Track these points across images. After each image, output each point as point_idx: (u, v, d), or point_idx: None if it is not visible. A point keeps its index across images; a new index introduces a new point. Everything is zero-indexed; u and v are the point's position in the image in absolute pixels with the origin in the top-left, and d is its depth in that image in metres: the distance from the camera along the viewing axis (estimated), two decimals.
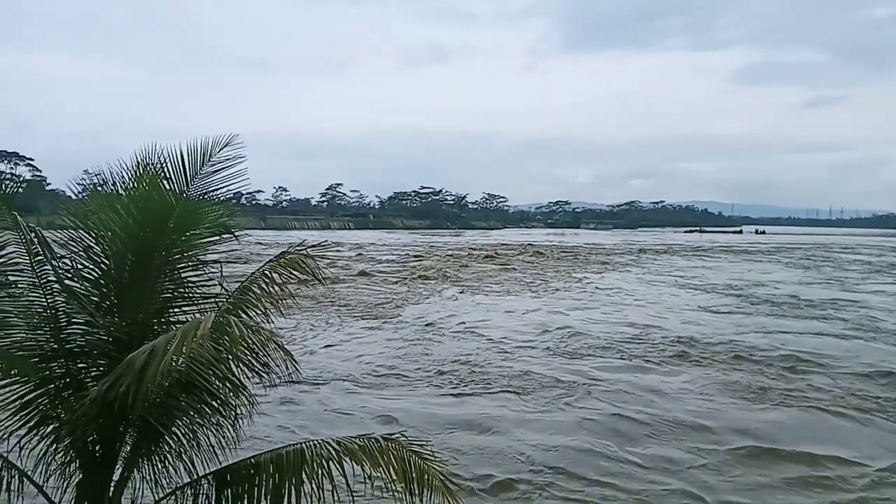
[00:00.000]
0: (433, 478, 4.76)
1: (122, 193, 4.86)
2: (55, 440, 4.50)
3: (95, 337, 4.66)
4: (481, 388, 14.92)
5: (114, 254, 4.77)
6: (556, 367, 17.03)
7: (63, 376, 4.56)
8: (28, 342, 4.56)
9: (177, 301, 5.08)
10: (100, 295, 4.75)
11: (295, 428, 11.74)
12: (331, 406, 13.44)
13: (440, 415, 12.88)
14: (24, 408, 4.46)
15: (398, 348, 19.19)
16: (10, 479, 4.43)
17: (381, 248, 68.66)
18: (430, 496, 4.72)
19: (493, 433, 11.86)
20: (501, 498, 9.40)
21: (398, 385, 15.21)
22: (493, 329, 22.49)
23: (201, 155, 5.01)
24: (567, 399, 14.05)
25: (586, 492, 9.56)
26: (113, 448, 4.57)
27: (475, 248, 71.61)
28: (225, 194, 5.25)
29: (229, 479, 4.78)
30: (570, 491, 9.58)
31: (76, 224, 4.79)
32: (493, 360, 17.64)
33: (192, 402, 4.66)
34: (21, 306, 4.60)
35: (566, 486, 9.71)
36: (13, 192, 4.73)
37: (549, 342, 20.26)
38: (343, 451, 4.75)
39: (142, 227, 4.71)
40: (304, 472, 4.67)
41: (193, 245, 5.07)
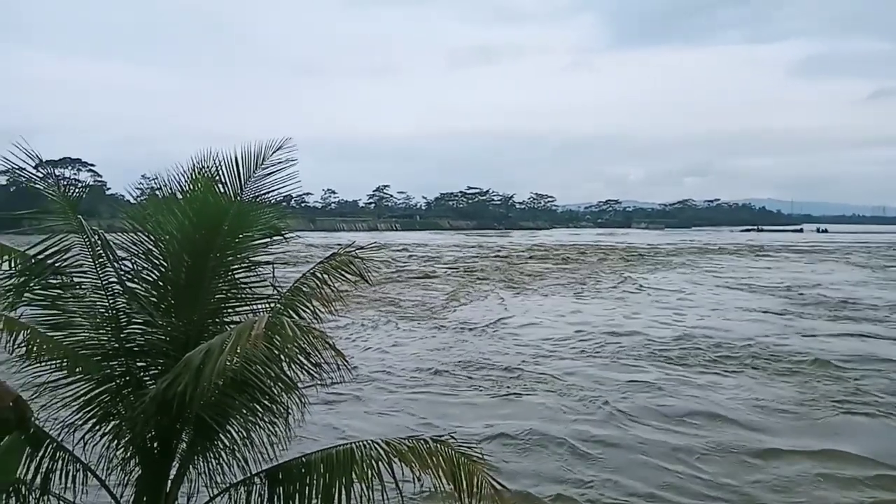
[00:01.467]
0: (483, 481, 4.72)
1: (178, 197, 5.00)
2: (116, 436, 4.66)
3: (154, 337, 4.80)
4: (522, 391, 14.80)
5: (171, 255, 4.90)
6: (598, 371, 16.71)
7: (123, 375, 4.71)
8: (91, 341, 4.74)
9: (230, 302, 5.19)
10: (158, 296, 4.90)
11: (341, 428, 11.87)
12: (375, 406, 13.55)
13: (483, 418, 12.84)
14: (86, 405, 4.63)
15: (443, 349, 19.21)
16: (76, 472, 4.60)
17: (428, 248, 68.88)
18: (480, 500, 4.68)
19: (538, 440, 11.73)
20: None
21: (442, 386, 15.22)
22: (538, 330, 22.30)
23: (254, 158, 5.09)
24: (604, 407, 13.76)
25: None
26: (170, 445, 4.70)
27: (522, 248, 71.20)
28: (276, 197, 5.34)
29: (281, 477, 4.85)
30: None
31: (135, 227, 4.94)
32: (537, 363, 17.49)
33: (246, 401, 4.74)
34: (84, 307, 4.78)
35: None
36: (78, 197, 4.91)
37: (590, 344, 19.93)
38: (392, 452, 4.76)
39: (197, 230, 4.83)
40: (353, 473, 4.70)
41: (246, 247, 5.17)
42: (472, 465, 4.79)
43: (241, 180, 5.09)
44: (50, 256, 4.66)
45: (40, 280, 4.60)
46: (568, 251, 65.87)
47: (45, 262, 4.64)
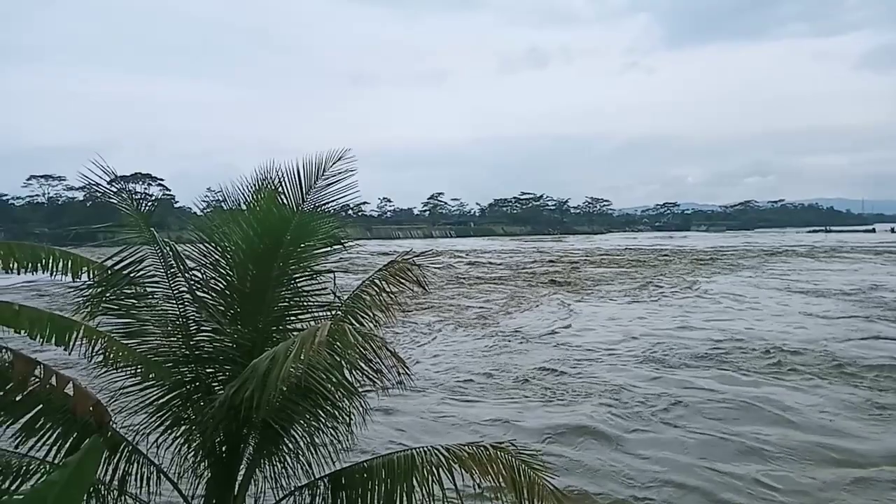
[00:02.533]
0: (543, 488, 4.68)
1: (243, 208, 5.17)
2: (187, 440, 4.84)
3: (221, 344, 4.97)
4: (581, 399, 14.55)
5: (237, 265, 5.07)
6: (655, 381, 16.25)
7: (193, 381, 4.89)
8: (162, 348, 4.94)
9: (293, 310, 5.33)
10: (225, 304, 5.07)
11: (398, 434, 11.95)
12: (431, 413, 13.58)
13: (533, 425, 12.69)
14: (159, 410, 4.83)
15: (497, 356, 19.12)
16: (150, 475, 4.79)
17: (483, 254, 68.79)
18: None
19: (594, 448, 11.51)
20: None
21: (498, 394, 15.13)
22: (595, 336, 21.92)
23: (315, 169, 5.22)
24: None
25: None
26: (238, 449, 4.84)
27: (579, 252, 70.21)
28: (336, 206, 5.44)
29: (344, 482, 4.93)
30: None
31: (203, 238, 5.13)
32: (593, 371, 17.19)
33: (309, 407, 4.84)
34: (156, 315, 4.99)
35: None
36: (150, 211, 5.13)
37: (648, 350, 19.43)
38: (452, 458, 4.77)
39: (261, 240, 4.98)
40: (414, 479, 4.73)
41: (308, 256, 5.29)
42: (533, 472, 4.75)
43: (302, 191, 5.22)
44: (125, 268, 4.89)
45: (116, 290, 4.83)
46: (625, 255, 64.58)
47: (121, 272, 4.88)
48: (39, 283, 25.55)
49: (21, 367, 3.87)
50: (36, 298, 26.47)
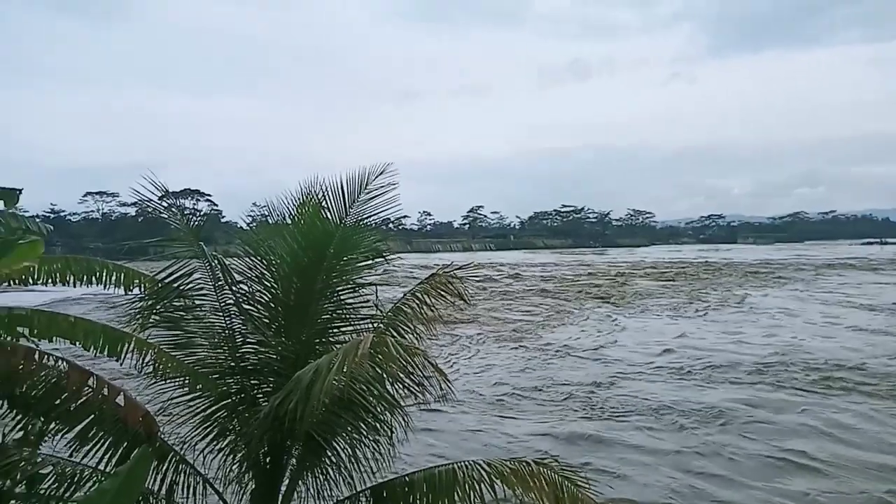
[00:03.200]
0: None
1: (288, 222, 5.25)
2: (232, 451, 4.90)
3: (266, 356, 5.04)
4: (622, 414, 14.25)
5: (281, 278, 5.14)
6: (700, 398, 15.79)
7: (238, 392, 4.96)
8: (209, 360, 5.04)
9: (336, 322, 5.37)
10: (270, 317, 5.14)
11: (437, 448, 11.87)
12: (470, 427, 13.47)
13: (573, 440, 12.47)
14: (205, 420, 4.92)
15: (541, 370, 18.90)
16: (196, 484, 4.87)
17: (524, 267, 68.32)
18: None
19: (635, 463, 11.24)
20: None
21: (539, 408, 14.94)
22: (638, 351, 21.47)
23: (358, 184, 5.27)
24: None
25: None
26: (281, 460, 4.89)
27: (621, 265, 69.09)
28: (378, 220, 5.48)
29: (385, 495, 4.91)
30: None
31: (249, 252, 5.23)
32: (636, 386, 16.82)
33: (351, 419, 4.85)
34: (203, 327, 5.10)
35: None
36: (199, 225, 5.26)
37: (692, 365, 18.90)
38: (494, 474, 4.71)
39: (306, 253, 5.05)
40: (456, 494, 4.69)
41: (351, 269, 5.34)
42: (577, 489, 4.65)
43: (345, 205, 5.28)
44: (174, 281, 5.02)
45: (166, 303, 4.96)
46: (671, 268, 63.17)
47: (170, 286, 5.01)
48: (99, 295, 26.39)
49: (75, 378, 4.00)
50: (98, 311, 27.42)
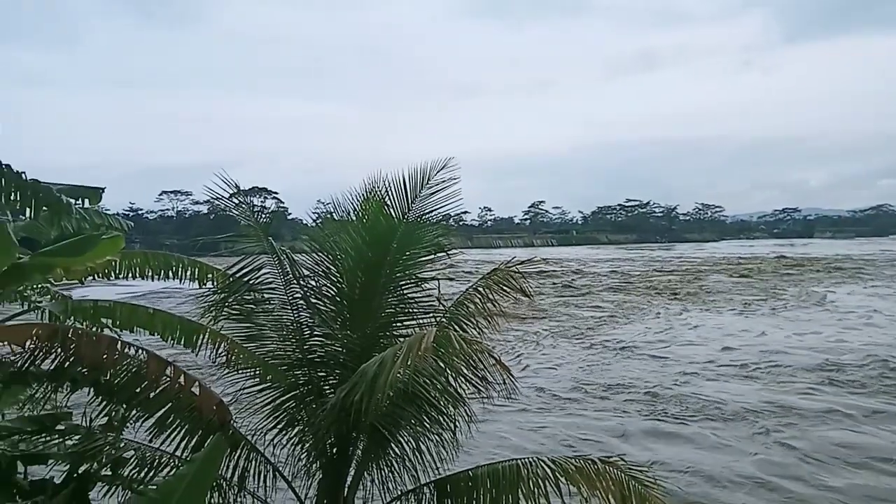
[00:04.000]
0: None
1: (352, 218, 5.35)
2: (300, 441, 5.04)
3: (332, 348, 5.16)
4: (689, 415, 13.81)
5: (346, 272, 5.24)
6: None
7: (306, 384, 5.10)
8: (278, 352, 5.20)
9: (399, 316, 5.43)
10: (335, 310, 5.25)
11: (497, 443, 11.79)
12: (530, 423, 13.36)
13: (637, 438, 12.18)
14: (274, 411, 5.07)
15: (606, 368, 18.56)
16: (266, 472, 5.03)
17: (588, 263, 67.20)
18: None
19: (702, 462, 10.87)
20: None
21: (601, 406, 14.68)
22: (709, 349, 20.76)
23: (420, 179, 5.31)
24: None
25: None
26: (347, 451, 4.99)
27: (690, 260, 66.99)
28: (440, 215, 5.51)
29: (449, 489, 4.94)
30: None
31: (315, 247, 5.36)
32: (703, 386, 16.28)
33: (415, 412, 4.90)
34: (273, 320, 5.26)
35: None
36: (268, 222, 5.43)
37: (766, 365, 18.11)
38: (559, 471, 4.66)
39: (370, 248, 5.13)
40: (520, 490, 4.66)
41: (413, 264, 5.39)
42: (644, 489, 4.54)
43: (408, 200, 5.33)
44: (245, 275, 5.20)
45: (237, 296, 5.14)
46: (742, 264, 60.76)
47: (241, 280, 5.19)
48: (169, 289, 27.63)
49: (154, 367, 4.20)
50: (172, 302, 28.68)
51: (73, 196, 4.33)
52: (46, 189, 3.91)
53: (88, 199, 4.58)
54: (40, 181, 3.93)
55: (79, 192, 4.58)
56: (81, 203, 4.47)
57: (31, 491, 4.10)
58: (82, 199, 4.55)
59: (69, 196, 4.15)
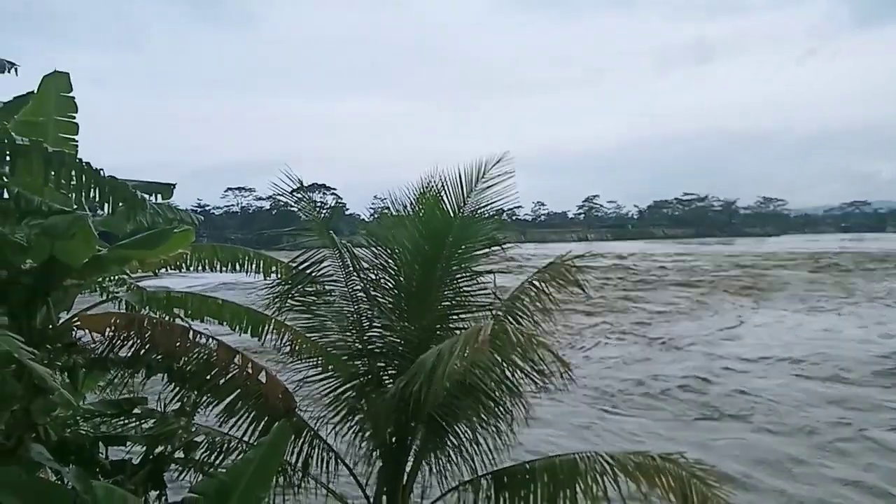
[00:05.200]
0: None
1: (409, 212, 5.44)
2: (360, 429, 5.16)
3: (390, 340, 5.26)
4: (746, 416, 13.39)
5: (404, 266, 5.34)
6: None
7: (366, 374, 5.22)
8: (339, 343, 5.33)
9: (455, 309, 5.49)
10: (393, 303, 5.35)
11: (548, 438, 11.68)
12: (583, 419, 13.24)
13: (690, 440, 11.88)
14: (335, 400, 5.21)
15: (667, 364, 18.19)
16: (328, 459, 5.18)
17: (645, 258, 65.74)
18: None
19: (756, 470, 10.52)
20: None
21: (658, 405, 14.39)
22: (776, 348, 20.05)
23: (475, 174, 5.34)
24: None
25: None
26: (406, 441, 5.08)
27: (753, 256, 64.67)
28: (494, 210, 5.53)
29: (506, 481, 4.97)
30: None
31: (374, 242, 5.47)
32: (761, 386, 15.73)
33: (472, 403, 4.95)
34: (334, 312, 5.40)
35: None
36: (329, 216, 5.57)
37: (835, 365, 17.33)
38: (617, 467, 4.62)
39: (426, 241, 5.20)
40: (577, 486, 4.65)
41: (469, 257, 5.43)
42: (707, 488, 4.46)
43: (463, 194, 5.37)
44: (307, 268, 5.36)
45: (300, 288, 5.30)
46: (809, 259, 58.13)
47: (304, 272, 5.35)
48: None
49: (224, 355, 4.39)
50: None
51: (147, 192, 4.54)
52: (122, 185, 4.12)
53: (161, 195, 4.79)
54: (117, 178, 4.15)
55: (152, 188, 4.80)
56: (154, 198, 4.68)
57: (112, 470, 4.35)
58: (155, 195, 4.76)
59: (143, 192, 4.36)
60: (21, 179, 4.00)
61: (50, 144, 3.89)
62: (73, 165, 3.81)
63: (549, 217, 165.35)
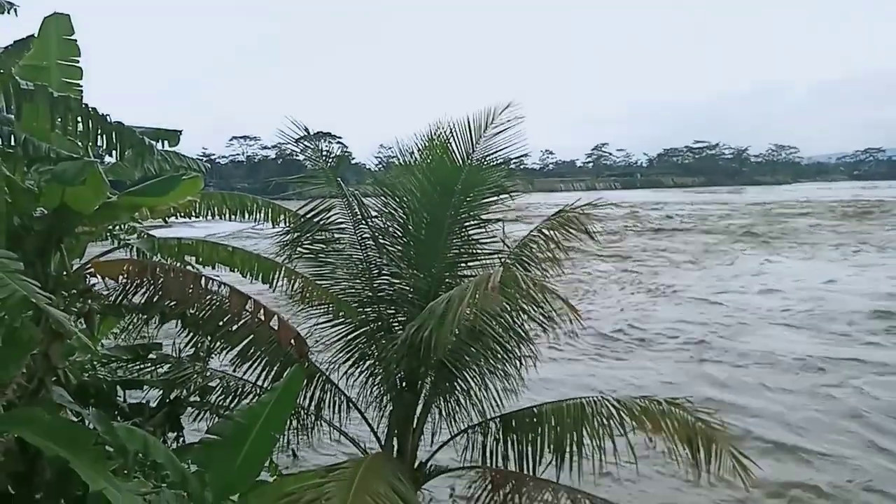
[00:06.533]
0: (723, 449, 4.45)
1: (417, 160, 5.40)
2: (372, 374, 5.26)
3: (400, 287, 5.30)
4: (757, 365, 13.51)
5: (412, 213, 5.34)
6: None
7: (376, 320, 5.29)
8: (349, 290, 5.38)
9: (464, 257, 5.51)
10: (402, 251, 5.38)
11: (548, 384, 11.81)
12: (592, 366, 13.37)
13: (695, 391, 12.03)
14: (347, 345, 5.30)
15: (672, 313, 18.30)
16: (340, 403, 5.30)
17: (655, 206, 65.16)
18: (719, 468, 4.43)
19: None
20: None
21: (666, 352, 14.53)
22: (788, 296, 20.05)
23: (484, 119, 5.28)
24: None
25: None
26: (416, 385, 5.17)
27: (763, 205, 64.08)
28: (503, 157, 5.48)
29: (514, 424, 5.08)
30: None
31: (383, 190, 5.45)
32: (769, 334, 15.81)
33: (481, 349, 5.01)
34: (343, 259, 5.43)
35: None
36: (337, 164, 5.54)
37: (844, 315, 17.36)
38: (624, 410, 4.70)
39: (434, 188, 5.18)
40: (584, 429, 4.74)
41: (477, 205, 5.42)
42: (712, 432, 4.53)
43: (472, 141, 5.32)
44: (316, 216, 5.36)
45: (310, 236, 5.32)
46: (815, 208, 57.51)
47: (312, 220, 5.35)
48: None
49: (236, 301, 4.43)
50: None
51: (153, 139, 4.50)
52: (130, 131, 4.07)
53: (168, 142, 4.75)
54: (123, 124, 4.10)
55: (158, 135, 4.75)
56: (162, 145, 4.64)
57: (130, 413, 4.48)
58: (162, 142, 4.72)
59: (150, 138, 4.31)
60: (27, 125, 3.97)
61: (54, 89, 3.84)
62: (80, 110, 3.77)
63: (557, 166, 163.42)
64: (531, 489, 4.65)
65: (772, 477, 8.04)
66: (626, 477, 7.22)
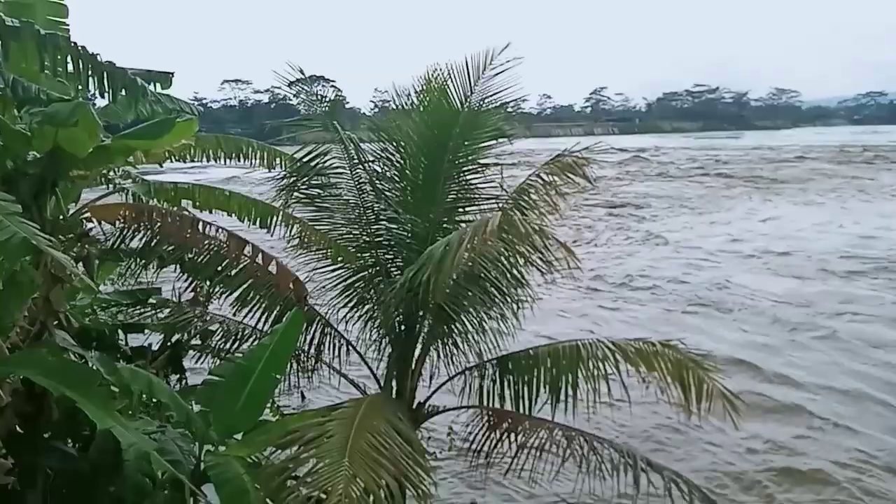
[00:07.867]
0: (713, 390, 4.56)
1: (415, 103, 5.32)
2: (370, 318, 5.32)
3: (397, 232, 5.31)
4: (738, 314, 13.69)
5: (409, 157, 5.29)
6: None
7: (374, 265, 5.31)
8: (347, 235, 5.39)
9: (462, 202, 5.50)
10: (400, 195, 5.35)
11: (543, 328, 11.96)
12: (585, 315, 13.57)
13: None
14: (346, 290, 5.34)
15: (669, 263, 18.43)
16: (340, 346, 5.37)
17: (651, 152, 64.62)
18: (710, 408, 4.54)
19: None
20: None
21: (658, 300, 14.71)
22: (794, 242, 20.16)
23: (483, 60, 5.18)
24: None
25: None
26: (414, 329, 5.24)
27: (760, 151, 63.52)
28: (501, 100, 5.40)
29: (510, 366, 5.17)
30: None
31: (380, 135, 5.38)
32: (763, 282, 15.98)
33: (479, 293, 5.05)
34: (341, 204, 5.41)
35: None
36: (333, 108, 5.44)
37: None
38: (618, 353, 4.78)
39: (432, 133, 5.12)
40: (580, 371, 4.83)
41: (475, 149, 5.37)
42: (702, 371, 4.63)
43: (470, 83, 5.23)
44: (312, 160, 5.30)
45: (306, 180, 5.28)
46: (813, 154, 56.93)
47: (308, 164, 5.30)
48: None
49: (234, 246, 4.44)
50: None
51: (146, 80, 4.40)
52: (122, 72, 3.98)
53: (160, 84, 4.64)
54: (115, 63, 3.99)
55: (150, 77, 4.63)
56: (154, 87, 4.54)
57: (132, 356, 4.54)
58: (154, 84, 4.61)
59: (142, 80, 4.21)
60: (15, 67, 3.86)
61: (41, 27, 3.72)
62: (68, 49, 3.67)
63: (555, 110, 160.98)
64: (527, 428, 4.77)
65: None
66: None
